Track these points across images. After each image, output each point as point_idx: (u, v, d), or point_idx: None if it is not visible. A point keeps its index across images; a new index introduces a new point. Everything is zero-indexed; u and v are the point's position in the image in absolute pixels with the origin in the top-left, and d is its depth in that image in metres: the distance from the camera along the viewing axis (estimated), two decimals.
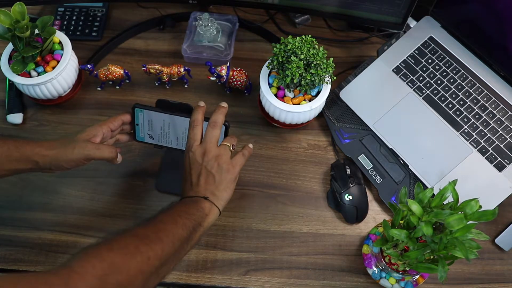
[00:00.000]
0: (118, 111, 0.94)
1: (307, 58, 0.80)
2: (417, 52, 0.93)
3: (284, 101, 0.84)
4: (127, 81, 0.98)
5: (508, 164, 0.83)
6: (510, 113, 0.86)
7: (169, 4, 1.06)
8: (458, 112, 0.88)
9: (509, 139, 0.84)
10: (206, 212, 0.69)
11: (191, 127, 0.76)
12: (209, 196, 0.71)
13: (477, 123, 0.86)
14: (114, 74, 0.94)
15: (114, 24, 1.06)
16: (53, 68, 0.88)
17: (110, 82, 0.98)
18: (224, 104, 0.78)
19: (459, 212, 0.58)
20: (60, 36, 0.91)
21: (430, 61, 0.92)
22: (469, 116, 0.87)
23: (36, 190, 0.87)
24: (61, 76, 0.88)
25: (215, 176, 0.72)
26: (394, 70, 0.93)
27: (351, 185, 0.84)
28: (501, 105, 0.86)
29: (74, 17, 1.05)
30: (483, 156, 0.84)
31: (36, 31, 0.86)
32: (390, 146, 0.88)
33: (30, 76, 0.87)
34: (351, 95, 0.92)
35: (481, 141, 0.85)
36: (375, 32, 1.04)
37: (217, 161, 0.73)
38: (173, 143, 0.84)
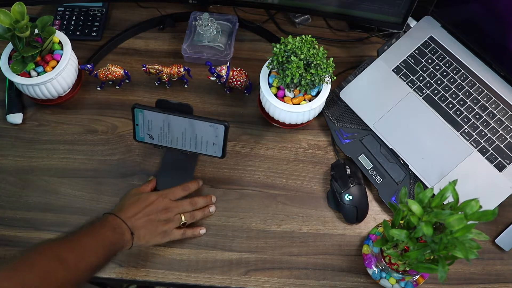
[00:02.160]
0: (118, 111, 0.95)
1: (307, 58, 0.80)
2: (417, 52, 0.93)
3: (284, 101, 0.84)
4: (127, 81, 0.98)
5: (508, 164, 0.83)
6: (510, 113, 0.86)
7: (169, 4, 1.06)
8: (458, 112, 0.88)
9: (509, 139, 0.84)
10: (125, 244, 0.74)
11: (182, 189, 0.83)
12: (136, 233, 0.75)
13: (477, 123, 0.86)
14: (114, 74, 0.94)
15: (114, 24, 1.06)
16: (53, 68, 0.88)
17: (110, 82, 0.98)
18: (214, 199, 0.86)
19: (459, 212, 0.58)
20: (59, 36, 0.91)
21: (430, 61, 0.92)
22: (469, 116, 0.87)
23: (36, 190, 0.87)
24: (60, 76, 0.88)
25: (152, 224, 0.77)
26: (394, 70, 0.93)
27: (351, 185, 0.84)
28: (501, 105, 0.86)
29: (74, 17, 1.05)
30: (483, 156, 0.84)
31: (36, 31, 0.86)
32: (390, 146, 0.88)
33: (30, 76, 0.87)
34: (351, 95, 0.92)
35: (481, 141, 0.85)
36: (375, 32, 1.04)
37: (162, 215, 0.79)
38: (173, 143, 0.84)
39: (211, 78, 0.93)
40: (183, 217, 0.80)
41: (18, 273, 0.60)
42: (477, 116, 0.87)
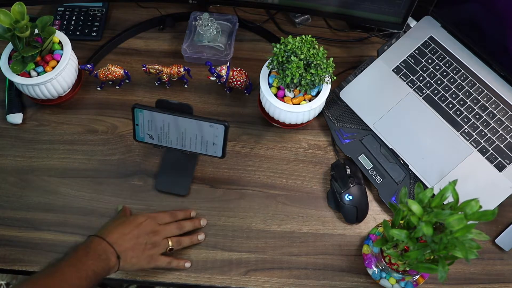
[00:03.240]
0: (118, 111, 0.95)
1: (307, 58, 0.80)
2: (417, 52, 0.93)
3: (284, 101, 0.84)
4: (127, 81, 0.98)
5: (508, 164, 0.83)
6: (510, 113, 0.86)
7: (169, 4, 1.06)
8: (458, 112, 0.88)
9: (509, 139, 0.84)
10: (111, 270, 0.72)
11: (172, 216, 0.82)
12: (122, 255, 0.73)
13: (477, 123, 0.86)
14: (114, 74, 0.94)
15: (114, 24, 1.06)
16: (53, 68, 0.88)
17: (110, 82, 0.98)
18: (203, 223, 0.84)
19: (459, 212, 0.58)
20: (59, 36, 0.91)
21: (430, 61, 0.92)
22: (469, 116, 0.87)
23: (36, 190, 0.87)
24: (60, 76, 0.88)
25: (139, 247, 0.75)
26: (394, 70, 0.93)
27: (351, 185, 0.84)
28: (501, 105, 0.86)
29: (74, 17, 1.05)
30: (483, 156, 0.84)
31: (36, 31, 0.86)
32: (390, 146, 0.88)
33: (30, 76, 0.87)
34: (351, 95, 0.92)
35: (481, 141, 0.85)
36: (375, 32, 1.04)
37: (150, 238, 0.77)
38: (173, 143, 0.84)
39: (211, 78, 0.93)
40: (170, 242, 0.78)
41: None
42: (477, 116, 0.87)
